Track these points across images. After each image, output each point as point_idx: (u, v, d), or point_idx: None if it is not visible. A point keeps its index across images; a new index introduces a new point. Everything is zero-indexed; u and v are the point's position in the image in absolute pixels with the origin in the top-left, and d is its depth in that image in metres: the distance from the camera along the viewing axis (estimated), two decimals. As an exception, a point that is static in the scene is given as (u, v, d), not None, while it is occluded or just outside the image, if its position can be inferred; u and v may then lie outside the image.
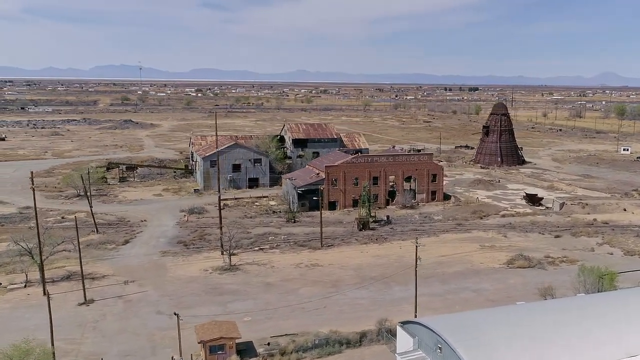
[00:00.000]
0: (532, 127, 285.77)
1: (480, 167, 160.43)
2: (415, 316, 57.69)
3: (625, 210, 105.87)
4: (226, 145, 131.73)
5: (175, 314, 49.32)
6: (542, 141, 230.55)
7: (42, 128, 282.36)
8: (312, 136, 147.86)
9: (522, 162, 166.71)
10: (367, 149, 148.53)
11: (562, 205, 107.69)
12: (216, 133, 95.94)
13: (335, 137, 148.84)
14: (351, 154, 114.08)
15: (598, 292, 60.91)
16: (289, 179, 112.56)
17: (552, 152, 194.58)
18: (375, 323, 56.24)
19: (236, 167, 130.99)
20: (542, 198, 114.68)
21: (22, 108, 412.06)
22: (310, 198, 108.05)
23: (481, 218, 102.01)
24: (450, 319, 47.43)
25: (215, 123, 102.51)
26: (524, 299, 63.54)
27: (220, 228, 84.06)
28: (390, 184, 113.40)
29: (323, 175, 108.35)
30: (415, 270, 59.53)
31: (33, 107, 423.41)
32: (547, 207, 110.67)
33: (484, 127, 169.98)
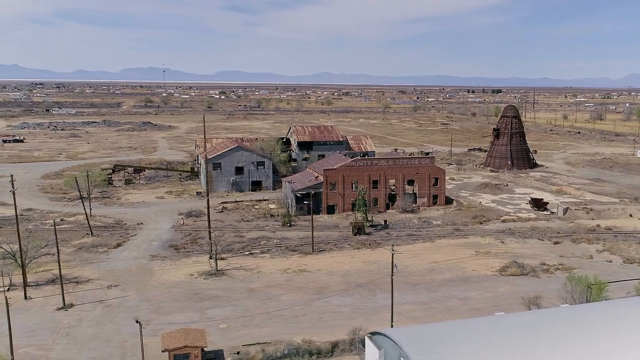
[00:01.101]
0: (551, 130, 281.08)
1: (490, 170, 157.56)
2: (392, 326, 56.15)
3: (631, 215, 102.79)
4: (229, 148, 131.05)
5: (137, 321, 48.23)
6: (558, 144, 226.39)
7: (62, 130, 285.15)
8: (317, 139, 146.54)
9: (534, 165, 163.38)
10: (374, 151, 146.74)
11: (565, 210, 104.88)
12: (204, 136, 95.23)
13: (341, 139, 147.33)
14: (350, 157, 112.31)
15: (587, 302, 58.62)
16: (288, 182, 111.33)
17: (567, 155, 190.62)
18: (349, 333, 54.61)
19: (239, 170, 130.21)
20: (548, 203, 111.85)
21: (47, 110, 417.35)
22: (309, 202, 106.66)
23: (481, 223, 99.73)
24: (417, 331, 45.73)
25: (204, 126, 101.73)
26: (510, 309, 61.63)
27: (209, 232, 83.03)
28: (392, 187, 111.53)
29: (322, 178, 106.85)
30: (392, 279, 57.94)
31: (57, 109, 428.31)
32: (552, 212, 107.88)
33: (494, 129, 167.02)
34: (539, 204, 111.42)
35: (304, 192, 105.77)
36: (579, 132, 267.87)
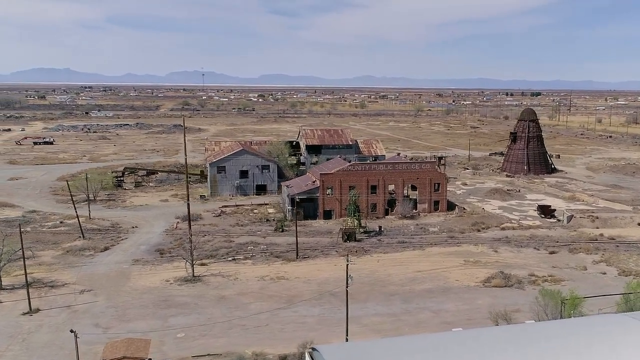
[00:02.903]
0: (581, 134, 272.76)
1: (506, 175, 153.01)
2: (347, 339, 53.81)
3: (639, 224, 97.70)
4: (233, 152, 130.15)
5: (71, 331, 47.12)
6: (585, 148, 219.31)
7: (94, 132, 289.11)
8: (326, 142, 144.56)
9: (552, 170, 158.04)
10: (384, 155, 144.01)
11: (570, 218, 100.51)
12: (184, 138, 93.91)
13: (351, 143, 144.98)
14: (348, 161, 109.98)
15: (561, 318, 55.18)
16: (286, 186, 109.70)
17: (590, 160, 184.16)
18: (298, 346, 52.51)
19: (243, 174, 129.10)
20: (555, 210, 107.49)
21: (86, 113, 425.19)
22: (305, 206, 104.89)
23: (479, 231, 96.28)
24: (353, 348, 43.12)
25: (184, 127, 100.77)
26: (481, 323, 58.73)
27: (190, 237, 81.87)
28: (391, 192, 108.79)
29: (318, 183, 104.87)
30: (347, 291, 55.43)
31: (96, 112, 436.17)
32: (559, 220, 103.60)
33: (511, 133, 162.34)
34: (546, 211, 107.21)
35: (299, 197, 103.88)
36: (610, 136, 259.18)
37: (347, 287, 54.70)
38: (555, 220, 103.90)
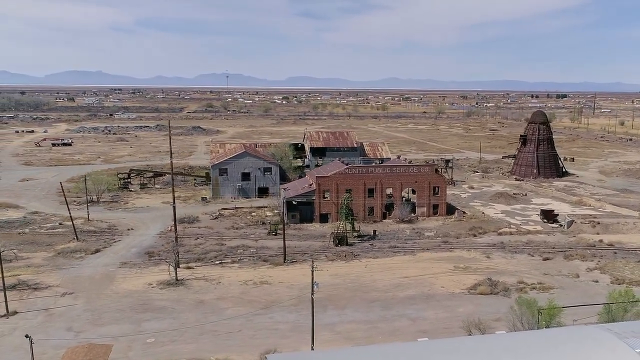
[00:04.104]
0: (601, 137, 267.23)
1: (515, 178, 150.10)
2: (312, 348, 52.55)
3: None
4: (236, 154, 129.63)
5: (26, 336, 46.58)
6: (603, 151, 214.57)
7: (114, 134, 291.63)
8: (331, 145, 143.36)
9: (563, 174, 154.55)
10: (389, 158, 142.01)
11: (570, 223, 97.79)
12: (170, 141, 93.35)
13: (356, 145, 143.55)
14: (345, 164, 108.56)
15: (538, 328, 53.18)
16: (284, 189, 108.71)
17: (605, 164, 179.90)
18: (260, 355, 51.44)
19: (245, 176, 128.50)
20: (558, 215, 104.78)
21: (110, 115, 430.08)
22: (302, 209, 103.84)
23: (475, 235, 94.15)
24: (306, 358, 42.06)
25: (169, 128, 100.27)
26: (457, 332, 56.93)
27: (175, 239, 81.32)
28: (389, 196, 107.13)
29: (315, 186, 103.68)
30: (312, 298, 54.10)
31: (120, 114, 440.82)
32: (561, 225, 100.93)
33: (521, 136, 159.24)
34: (548, 216, 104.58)
35: (295, 200, 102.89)
36: (630, 139, 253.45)
37: (312, 294, 53.43)
38: (557, 226, 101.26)
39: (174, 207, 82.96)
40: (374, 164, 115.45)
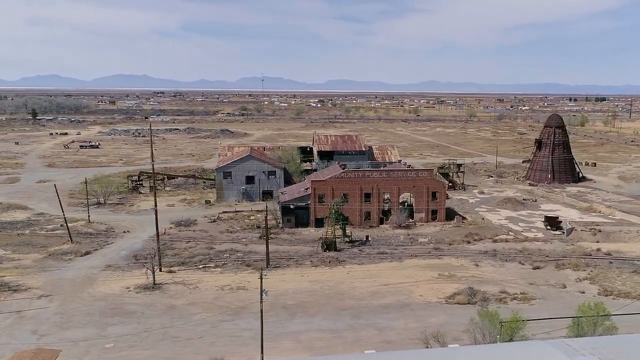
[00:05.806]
0: (632, 141, 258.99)
1: (529, 183, 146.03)
2: (262, 358, 51.23)
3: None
4: (240, 157, 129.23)
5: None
6: (630, 156, 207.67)
7: (143, 137, 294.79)
8: (339, 148, 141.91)
9: (579, 179, 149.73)
10: (399, 162, 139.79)
11: (570, 230, 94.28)
12: (151, 145, 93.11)
13: (364, 149, 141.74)
14: (341, 168, 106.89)
15: (499, 342, 50.85)
16: (281, 192, 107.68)
17: (627, 169, 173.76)
18: (207, 362, 50.43)
19: (250, 179, 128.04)
20: (561, 222, 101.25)
21: (145, 118, 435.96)
22: (298, 213, 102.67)
23: (469, 242, 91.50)
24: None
25: (150, 130, 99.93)
26: (418, 344, 54.93)
27: (158, 241, 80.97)
28: (386, 201, 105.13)
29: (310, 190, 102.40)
30: (261, 308, 52.74)
31: (155, 116, 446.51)
32: (563, 232, 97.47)
33: (536, 140, 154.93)
34: (552, 223, 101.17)
35: (290, 204, 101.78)
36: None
37: (261, 301, 52.09)
38: (559, 233, 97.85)
39: (156, 211, 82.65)
40: (369, 168, 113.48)
